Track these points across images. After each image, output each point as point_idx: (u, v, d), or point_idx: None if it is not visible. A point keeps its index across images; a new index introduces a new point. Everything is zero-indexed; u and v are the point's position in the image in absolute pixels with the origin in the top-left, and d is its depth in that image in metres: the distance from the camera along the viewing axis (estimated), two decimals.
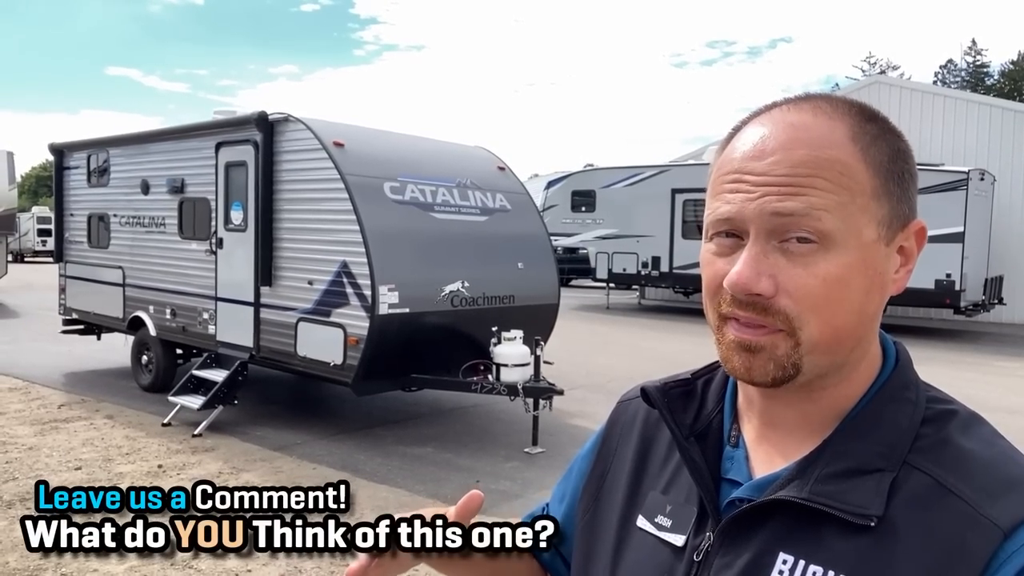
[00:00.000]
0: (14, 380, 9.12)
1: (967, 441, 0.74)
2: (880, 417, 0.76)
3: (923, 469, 0.71)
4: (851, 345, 0.75)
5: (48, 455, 6.21)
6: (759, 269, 0.72)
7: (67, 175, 9.99)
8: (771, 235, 0.73)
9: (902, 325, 16.59)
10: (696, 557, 0.79)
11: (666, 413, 0.86)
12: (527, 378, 6.61)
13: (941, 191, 14.07)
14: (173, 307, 8.22)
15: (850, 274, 0.72)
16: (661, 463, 0.89)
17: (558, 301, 7.95)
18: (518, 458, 6.50)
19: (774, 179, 0.72)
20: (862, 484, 0.72)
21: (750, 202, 0.73)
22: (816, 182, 0.71)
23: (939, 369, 11.38)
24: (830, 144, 0.73)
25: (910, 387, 0.78)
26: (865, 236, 0.73)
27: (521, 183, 8.22)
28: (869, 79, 20.61)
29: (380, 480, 5.81)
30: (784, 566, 0.72)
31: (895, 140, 0.77)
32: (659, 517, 0.84)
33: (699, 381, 0.91)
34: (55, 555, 0.96)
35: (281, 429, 7.15)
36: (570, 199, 19.25)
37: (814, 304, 0.72)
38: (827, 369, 0.75)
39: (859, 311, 0.74)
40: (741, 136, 0.78)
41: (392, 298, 6.27)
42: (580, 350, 12.55)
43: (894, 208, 0.75)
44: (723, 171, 0.77)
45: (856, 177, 0.73)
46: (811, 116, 0.75)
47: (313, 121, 6.80)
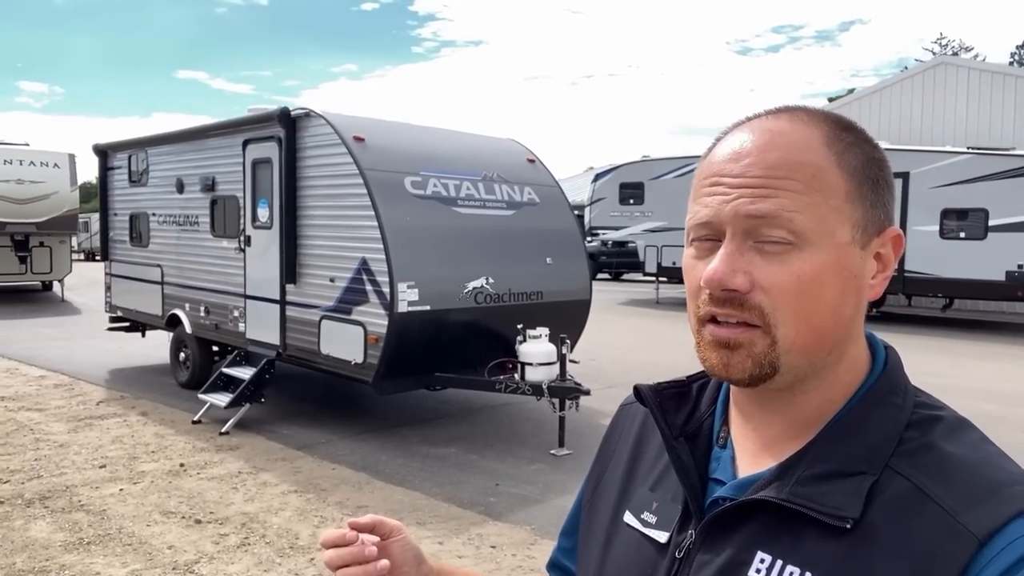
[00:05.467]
0: (61, 376, 9.35)
1: (952, 446, 0.73)
2: (864, 421, 0.75)
3: (904, 474, 0.71)
4: (827, 347, 0.75)
5: (77, 452, 6.29)
6: (734, 266, 0.73)
7: (111, 175, 10.20)
8: (747, 235, 0.74)
9: (970, 319, 15.74)
10: (678, 554, 0.80)
11: (657, 412, 0.88)
12: (552, 377, 6.39)
13: (1011, 176, 13.25)
14: (207, 305, 8.28)
15: (824, 273, 0.73)
16: (652, 462, 0.91)
17: (590, 297, 7.68)
18: (543, 460, 6.29)
19: (749, 180, 0.74)
20: (841, 486, 0.72)
21: (726, 204, 0.74)
22: (789, 184, 0.73)
23: (1007, 365, 10.69)
24: (805, 148, 0.75)
25: (897, 392, 0.78)
26: (839, 237, 0.74)
27: (552, 176, 7.97)
28: (935, 60, 19.54)
29: (398, 482, 5.68)
30: (762, 565, 0.73)
31: (870, 149, 0.78)
32: (645, 514, 0.86)
33: (695, 384, 0.92)
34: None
35: (308, 427, 7.10)
36: (618, 192, 18.85)
37: (789, 301, 0.73)
38: (805, 371, 0.76)
39: (834, 311, 0.74)
40: (722, 143, 0.80)
41: (412, 295, 6.13)
42: (624, 346, 12.24)
43: (868, 212, 0.76)
44: (702, 175, 0.79)
45: (829, 180, 0.74)
46: (788, 123, 0.77)
47: (334, 116, 6.70)
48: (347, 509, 5.11)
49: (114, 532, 4.70)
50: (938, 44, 46.89)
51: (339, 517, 4.97)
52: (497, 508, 5.19)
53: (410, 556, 0.95)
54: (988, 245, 13.39)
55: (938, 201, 13.69)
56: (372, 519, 0.92)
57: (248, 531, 4.73)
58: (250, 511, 5.05)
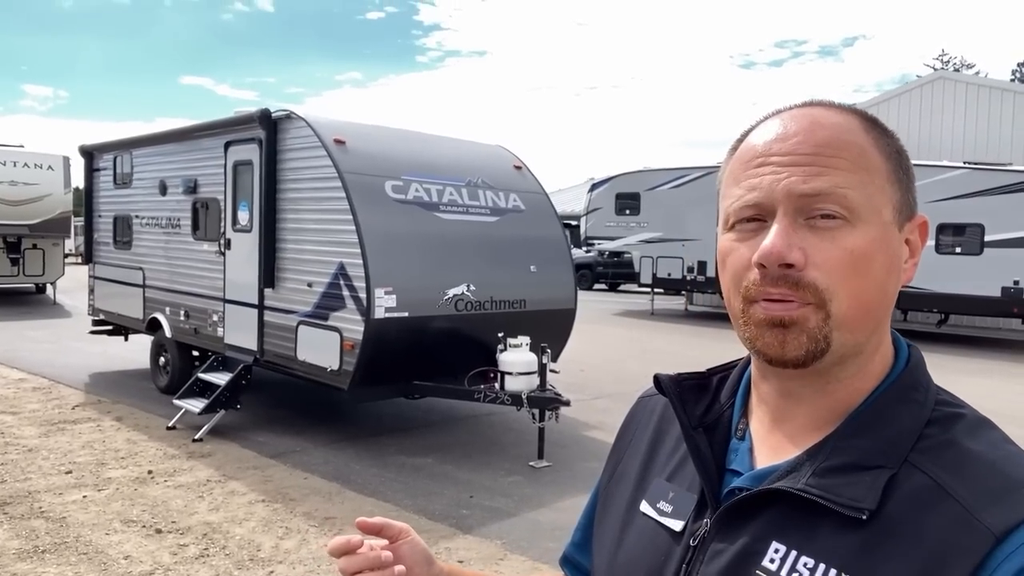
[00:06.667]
0: (41, 379, 9.21)
1: (972, 443, 0.72)
2: (885, 415, 0.75)
3: (923, 469, 0.71)
4: (872, 325, 0.76)
5: (45, 458, 6.14)
6: (790, 241, 0.73)
7: (96, 177, 10.09)
8: (798, 212, 0.74)
9: (965, 336, 15.58)
10: (692, 542, 0.80)
11: (676, 402, 0.88)
12: (532, 387, 6.25)
13: (1008, 192, 13.14)
14: (187, 309, 8.15)
15: (874, 249, 0.74)
16: (669, 452, 0.91)
17: (575, 306, 7.55)
18: (521, 472, 6.14)
19: (800, 157, 0.74)
20: (858, 479, 0.71)
21: (778, 182, 0.74)
22: (839, 162, 0.73)
23: (1000, 383, 10.53)
24: (847, 130, 0.76)
25: (919, 388, 0.78)
26: (884, 215, 0.75)
27: (539, 183, 7.86)
28: (933, 75, 19.45)
29: (370, 492, 5.54)
30: (776, 555, 0.73)
31: (896, 141, 0.80)
32: (661, 503, 0.86)
33: (715, 377, 0.93)
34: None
35: (284, 435, 6.96)
36: (614, 202, 18.73)
37: (843, 276, 0.73)
38: (850, 351, 0.75)
39: (881, 288, 0.75)
40: (759, 130, 0.80)
41: (389, 301, 6.00)
42: (615, 357, 12.10)
43: (904, 196, 0.78)
44: (744, 159, 0.78)
45: (872, 160, 0.75)
46: (825, 110, 0.78)
47: (315, 118, 6.60)
48: (314, 520, 4.96)
49: (71, 540, 4.55)
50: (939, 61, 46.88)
51: (305, 528, 4.83)
52: (468, 521, 5.04)
53: (420, 557, 0.93)
54: (984, 261, 13.26)
55: (934, 216, 13.56)
56: (381, 521, 0.91)
57: (209, 541, 4.58)
58: (213, 521, 4.90)
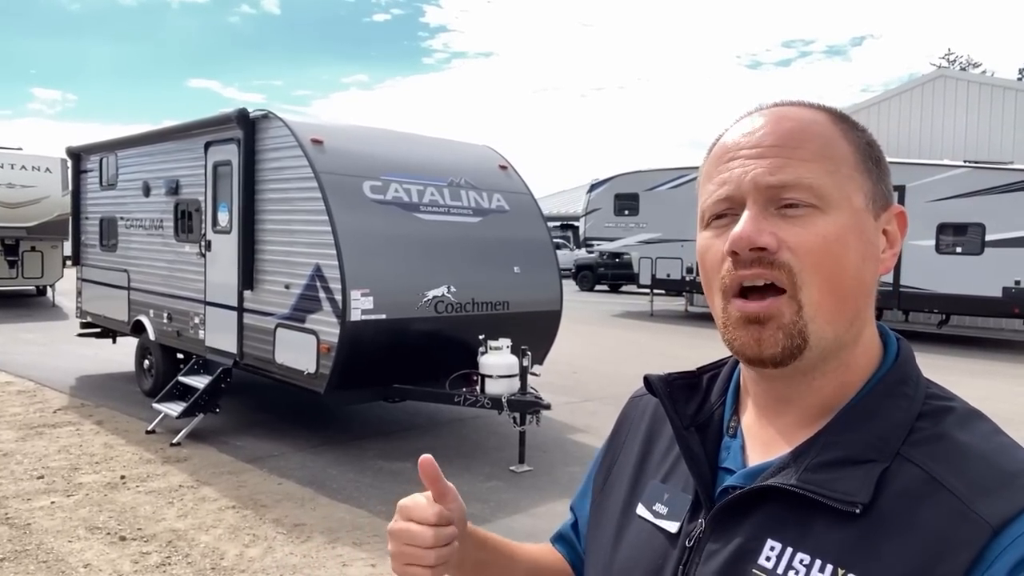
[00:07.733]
0: (27, 382, 9.15)
1: (964, 435, 0.72)
2: (875, 409, 0.75)
3: (916, 462, 0.70)
4: (849, 315, 0.75)
5: (19, 462, 6.06)
6: (760, 226, 0.73)
7: (84, 179, 10.02)
8: (769, 203, 0.74)
9: (966, 336, 15.38)
10: (688, 543, 0.80)
11: (667, 402, 0.88)
12: (513, 391, 6.14)
13: (1010, 191, 12.95)
14: (169, 311, 8.07)
15: (846, 235, 0.73)
16: (663, 454, 0.90)
17: (560, 308, 7.43)
18: (501, 477, 6.03)
19: (766, 149, 0.75)
20: (851, 473, 0.71)
21: (746, 174, 0.75)
22: (803, 153, 0.74)
23: (1000, 383, 10.35)
24: (813, 121, 0.77)
25: (908, 382, 0.78)
26: (855, 202, 0.75)
27: (524, 183, 7.75)
28: (934, 73, 19.21)
29: (344, 499, 5.43)
30: (772, 552, 0.72)
31: (867, 135, 0.80)
32: (657, 505, 0.86)
33: (705, 376, 0.92)
34: None
35: (263, 439, 6.86)
36: (613, 202, 18.59)
37: (815, 261, 0.72)
38: (830, 345, 0.75)
39: (856, 276, 0.75)
40: (731, 129, 0.81)
41: (366, 304, 5.90)
42: (610, 359, 11.97)
43: (875, 186, 0.78)
44: (715, 158, 0.80)
45: (838, 149, 0.76)
46: (793, 107, 0.80)
47: (293, 118, 6.50)
48: (282, 527, 4.86)
49: (32, 548, 4.46)
50: (946, 60, 46.54)
51: (272, 536, 4.72)
52: None
53: (461, 515, 0.92)
54: (985, 260, 13.07)
55: (934, 215, 13.39)
56: (438, 473, 0.92)
57: (172, 549, 4.48)
58: (180, 528, 4.81)
